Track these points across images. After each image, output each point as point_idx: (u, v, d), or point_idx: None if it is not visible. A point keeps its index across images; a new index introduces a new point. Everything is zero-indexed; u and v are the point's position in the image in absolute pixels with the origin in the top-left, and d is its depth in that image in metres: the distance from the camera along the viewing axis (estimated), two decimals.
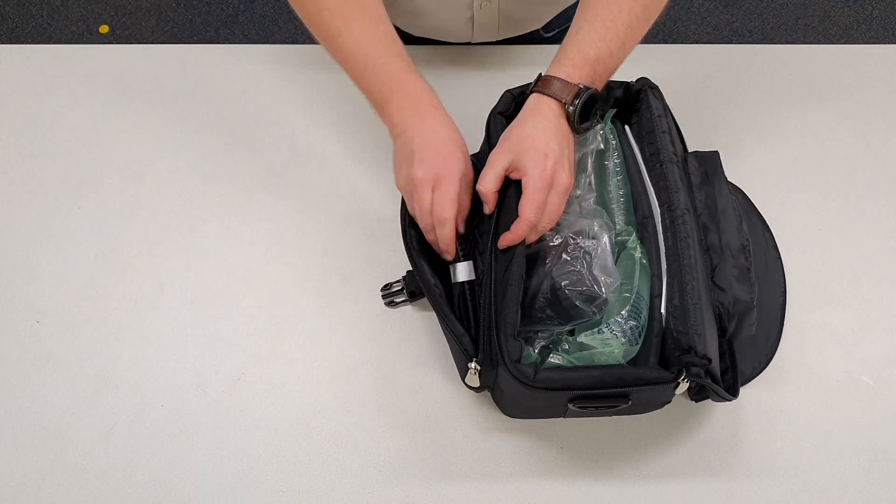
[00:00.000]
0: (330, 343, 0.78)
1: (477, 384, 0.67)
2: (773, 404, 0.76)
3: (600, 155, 0.74)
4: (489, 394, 0.73)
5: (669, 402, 0.70)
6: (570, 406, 0.64)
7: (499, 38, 0.97)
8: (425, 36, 0.96)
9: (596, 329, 0.64)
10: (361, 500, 0.72)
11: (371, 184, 0.88)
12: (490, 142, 0.73)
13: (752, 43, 2.04)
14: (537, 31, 1.01)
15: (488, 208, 0.70)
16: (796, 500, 0.72)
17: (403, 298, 0.79)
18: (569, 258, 0.67)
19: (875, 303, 0.81)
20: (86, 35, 2.01)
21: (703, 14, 2.09)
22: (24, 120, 0.91)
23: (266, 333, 0.79)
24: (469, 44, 0.98)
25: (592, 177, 0.74)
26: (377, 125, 0.75)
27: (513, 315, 0.63)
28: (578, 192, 0.73)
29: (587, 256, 0.66)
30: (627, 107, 0.77)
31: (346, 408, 0.76)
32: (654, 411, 0.71)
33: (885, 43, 2.03)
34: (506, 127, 0.71)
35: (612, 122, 0.75)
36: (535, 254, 0.68)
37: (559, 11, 0.99)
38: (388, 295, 0.80)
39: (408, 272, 0.79)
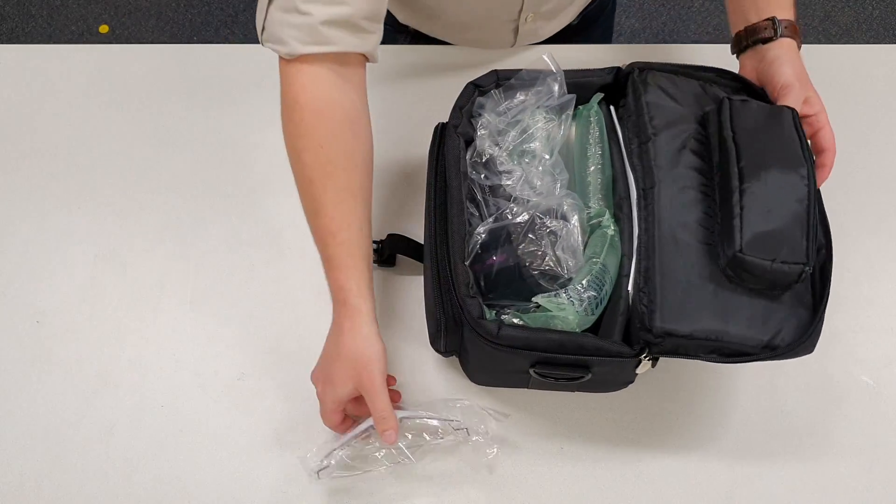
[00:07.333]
0: None
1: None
2: (773, 404, 0.76)
3: (582, 138, 0.74)
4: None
5: (632, 381, 0.71)
6: (532, 373, 0.66)
7: (538, 41, 0.98)
8: (466, 45, 0.98)
9: (553, 293, 0.64)
10: (362, 500, 0.72)
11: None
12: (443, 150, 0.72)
13: None
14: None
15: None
16: (796, 500, 0.72)
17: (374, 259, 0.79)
18: (534, 237, 0.67)
19: (875, 303, 0.81)
20: (86, 35, 2.01)
21: (703, 14, 2.09)
22: (24, 120, 0.91)
23: (266, 333, 0.79)
24: None
25: (566, 156, 0.73)
26: (377, 124, 0.75)
27: (463, 274, 0.65)
28: (546, 157, 0.72)
29: (552, 236, 0.67)
30: (618, 90, 0.76)
31: None
32: (614, 391, 0.71)
33: (885, 43, 2.03)
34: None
35: (600, 105, 0.75)
36: (501, 229, 0.69)
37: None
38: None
39: (388, 236, 0.80)
